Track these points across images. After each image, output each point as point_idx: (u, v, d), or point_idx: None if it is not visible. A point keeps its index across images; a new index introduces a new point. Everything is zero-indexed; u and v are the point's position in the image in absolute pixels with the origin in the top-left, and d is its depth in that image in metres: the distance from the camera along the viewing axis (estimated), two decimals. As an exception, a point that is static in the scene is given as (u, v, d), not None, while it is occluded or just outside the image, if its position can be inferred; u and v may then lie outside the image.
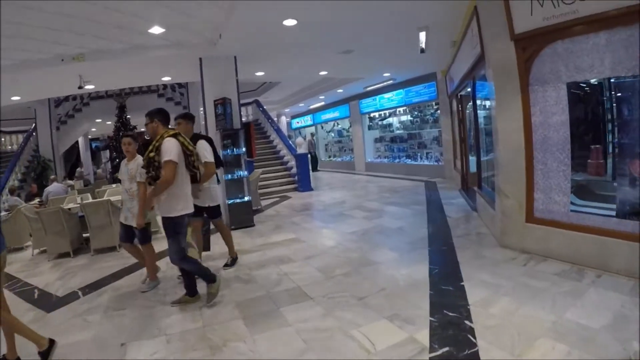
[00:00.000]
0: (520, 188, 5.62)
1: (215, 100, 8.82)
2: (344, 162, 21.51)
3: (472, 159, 11.54)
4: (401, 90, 15.77)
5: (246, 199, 8.85)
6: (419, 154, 16.03)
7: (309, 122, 25.01)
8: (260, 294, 4.90)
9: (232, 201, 8.75)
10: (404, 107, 16.42)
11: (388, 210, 9.24)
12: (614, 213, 5.02)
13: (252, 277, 5.53)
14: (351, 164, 20.45)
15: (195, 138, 5.44)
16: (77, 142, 20.72)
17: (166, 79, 11.30)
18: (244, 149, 8.85)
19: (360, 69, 12.48)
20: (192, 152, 4.56)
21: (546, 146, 5.37)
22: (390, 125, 18.13)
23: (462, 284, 4.70)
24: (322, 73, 12.54)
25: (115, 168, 15.98)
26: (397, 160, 17.15)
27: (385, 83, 15.53)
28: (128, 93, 17.62)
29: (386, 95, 16.73)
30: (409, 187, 12.68)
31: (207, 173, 5.32)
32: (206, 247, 6.41)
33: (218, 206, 5.94)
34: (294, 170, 14.49)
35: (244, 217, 8.80)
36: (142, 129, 23.04)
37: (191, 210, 4.58)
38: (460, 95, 11.19)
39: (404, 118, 17.38)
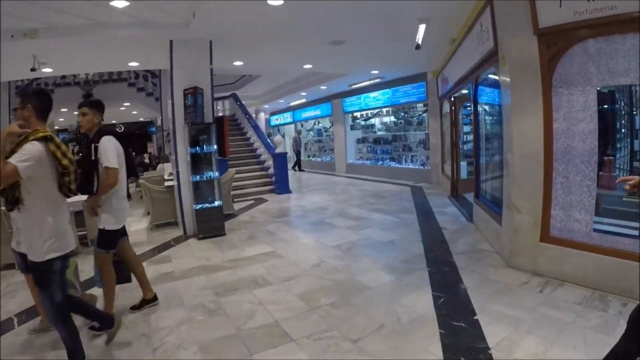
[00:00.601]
0: (535, 203, 4.86)
1: (185, 90, 7.84)
2: (324, 163, 20.65)
3: (463, 165, 10.93)
4: (388, 89, 14.98)
5: (217, 203, 7.90)
6: (404, 157, 15.28)
7: (289, 120, 24.08)
8: (229, 331, 3.96)
9: (200, 206, 7.78)
10: (389, 108, 15.65)
11: (375, 219, 8.42)
12: (636, 232, 4.30)
13: (220, 306, 4.60)
14: (331, 165, 19.61)
15: (99, 134, 4.07)
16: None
17: (134, 64, 10.23)
18: (215, 147, 7.88)
19: (348, 64, 11.62)
20: (68, 169, 3.12)
21: (569, 157, 4.62)
22: (373, 126, 17.38)
23: (475, 317, 3.92)
24: (307, 67, 11.63)
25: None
26: (380, 162, 16.37)
27: (372, 81, 14.71)
28: (97, 81, 16.42)
29: (372, 95, 15.93)
30: (395, 192, 11.90)
31: (107, 183, 3.92)
32: (123, 278, 4.66)
33: (118, 231, 4.26)
34: (272, 170, 13.57)
35: (213, 224, 7.85)
36: (113, 121, 21.73)
37: (72, 247, 3.27)
38: (454, 97, 10.48)
39: (386, 119, 16.66)
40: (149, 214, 9.39)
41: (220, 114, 18.32)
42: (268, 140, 14.72)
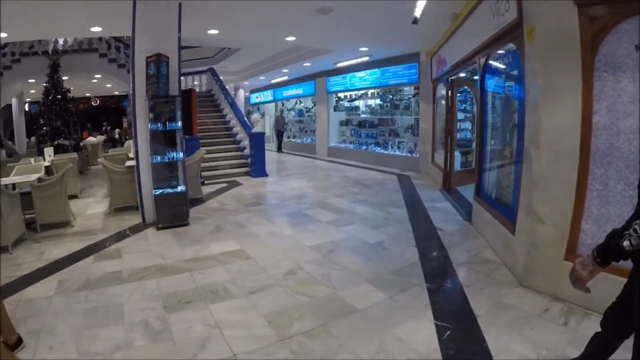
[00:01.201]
0: (564, 212, 3.95)
1: (147, 58, 6.73)
2: (304, 145, 19.61)
3: (457, 155, 10.06)
4: (376, 69, 13.96)
5: (180, 189, 6.87)
6: (390, 143, 14.33)
7: (270, 98, 22.90)
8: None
9: (160, 192, 6.75)
10: (377, 90, 14.63)
11: (360, 213, 7.49)
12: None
13: (167, 326, 3.61)
14: (312, 147, 18.59)
15: None
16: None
17: (96, 29, 9.00)
18: (180, 124, 6.82)
19: (335, 37, 10.53)
20: None
21: (610, 159, 3.71)
22: (357, 108, 16.38)
23: (492, 363, 2.99)
24: (290, 39, 10.51)
25: (43, 136, 13.48)
26: (364, 147, 15.41)
27: (359, 59, 13.64)
28: (66, 50, 14.98)
29: (358, 74, 14.89)
30: (380, 181, 10.98)
31: None
32: None
33: None
34: (248, 151, 12.51)
35: (175, 212, 6.83)
36: (87, 94, 20.28)
37: None
38: (451, 79, 9.53)
39: (372, 102, 15.68)
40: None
41: (197, 89, 17.18)
42: (245, 118, 13.58)
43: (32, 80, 14.97)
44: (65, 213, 7.13)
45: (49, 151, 10.49)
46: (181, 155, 6.90)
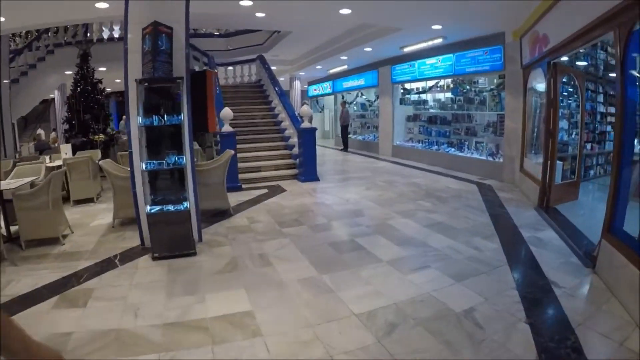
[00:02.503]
0: None
1: (143, 29, 4.95)
2: (366, 142, 17.50)
3: (558, 164, 7.75)
4: (451, 55, 11.64)
5: (184, 206, 5.02)
6: (466, 143, 11.99)
7: (328, 90, 20.92)
8: None
9: (156, 209, 4.96)
10: (452, 78, 12.29)
11: (436, 247, 5.32)
12: None
13: None
14: (374, 146, 16.47)
15: None
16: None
17: (102, 5, 7.39)
18: (184, 117, 4.97)
19: (400, 11, 8.40)
20: None
21: None
22: (426, 102, 14.13)
23: None
24: (344, 12, 8.42)
25: (69, 131, 12.17)
26: (435, 147, 13.12)
27: (431, 42, 11.37)
28: (101, 39, 13.74)
29: (429, 61, 12.60)
30: (457, 192, 8.73)
31: None
32: None
33: None
34: (297, 150, 10.64)
35: (177, 238, 5.01)
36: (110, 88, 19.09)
37: None
38: (554, 63, 7.21)
39: (440, 96, 13.40)
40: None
41: (246, 78, 15.51)
42: (295, 111, 11.66)
43: (69, 72, 13.77)
44: (52, 228, 5.66)
45: (65, 148, 9.05)
46: (186, 159, 5.04)
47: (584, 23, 5.16)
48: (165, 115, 4.83)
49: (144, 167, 4.86)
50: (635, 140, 4.40)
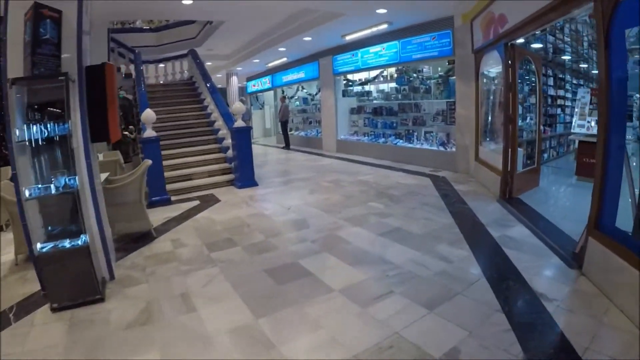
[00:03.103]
0: None
1: (25, 14, 3.79)
2: (308, 139, 16.60)
3: (520, 151, 7.16)
4: (395, 42, 10.89)
5: (82, 240, 3.88)
6: (415, 134, 11.29)
7: (268, 85, 19.81)
8: None
9: (47, 247, 3.79)
10: (398, 67, 11.53)
11: (397, 263, 4.45)
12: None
13: None
14: (317, 142, 15.60)
15: None
16: None
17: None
18: (74, 124, 3.85)
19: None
20: None
21: None
22: (370, 93, 13.39)
23: None
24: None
25: None
26: (382, 139, 12.38)
27: (375, 29, 10.53)
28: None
29: (373, 49, 11.82)
30: (411, 188, 7.98)
31: None
32: None
33: None
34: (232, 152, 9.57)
35: (77, 281, 3.85)
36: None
37: None
38: (511, 44, 6.56)
39: (384, 86, 12.73)
40: None
41: (178, 76, 14.20)
42: (227, 109, 10.53)
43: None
44: None
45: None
46: (80, 179, 3.91)
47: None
48: (50, 125, 3.68)
49: (27, 195, 3.70)
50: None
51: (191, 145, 10.38)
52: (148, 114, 8.39)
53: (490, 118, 8.12)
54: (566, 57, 11.16)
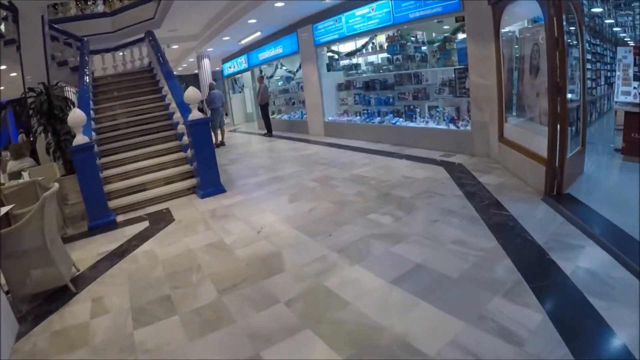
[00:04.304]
0: None
1: None
2: (293, 122, 14.58)
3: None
4: (387, 0, 8.90)
5: None
6: (417, 110, 9.31)
7: (244, 66, 17.68)
8: None
9: None
10: (392, 29, 9.43)
11: (429, 351, 2.58)
12: None
13: None
14: (303, 125, 13.60)
15: None
16: None
17: None
18: None
19: None
20: None
21: None
22: (358, 65, 11.39)
23: None
24: None
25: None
26: (377, 119, 10.40)
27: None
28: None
29: (359, 12, 9.78)
30: (422, 185, 6.07)
31: None
32: None
33: None
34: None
35: None
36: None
37: None
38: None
39: (372, 58, 10.77)
40: None
41: (137, 63, 12.11)
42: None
43: None
44: None
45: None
46: None
47: None
48: None
49: None
50: None
51: (147, 145, 8.47)
52: (75, 115, 6.40)
53: (518, 87, 6.18)
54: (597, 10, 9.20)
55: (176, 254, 4.76)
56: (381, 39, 10.18)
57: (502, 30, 6.43)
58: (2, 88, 12.97)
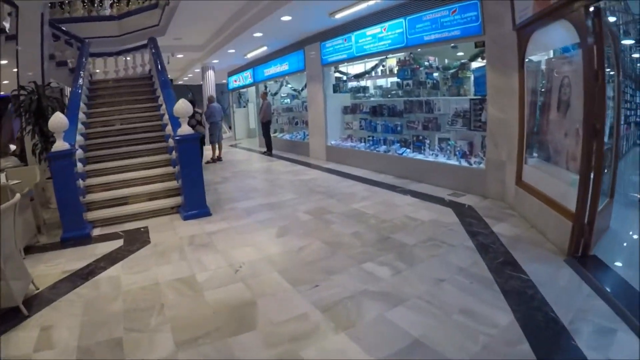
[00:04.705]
0: None
1: None
2: (294, 143, 13.93)
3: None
4: (401, 19, 8.29)
5: None
6: (427, 141, 8.65)
7: (249, 80, 17.14)
8: None
9: None
10: (405, 51, 8.80)
11: None
12: None
13: None
14: (304, 147, 12.96)
15: None
16: None
17: None
18: None
19: None
20: None
21: None
22: (366, 88, 10.79)
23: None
24: None
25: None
26: (382, 147, 9.75)
27: (373, 1, 8.00)
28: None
29: (370, 31, 9.21)
30: (427, 229, 5.37)
31: None
32: None
33: None
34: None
35: None
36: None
37: None
38: (597, 9, 4.02)
39: (382, 82, 10.22)
40: None
41: (139, 69, 11.55)
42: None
43: None
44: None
45: None
46: None
47: None
48: None
49: None
50: None
51: (135, 156, 7.93)
52: (57, 120, 5.86)
53: (542, 124, 5.51)
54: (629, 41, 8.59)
55: (141, 286, 4.11)
56: (392, 62, 9.61)
57: (527, 60, 5.79)
58: (6, 82, 12.50)
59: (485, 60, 6.86)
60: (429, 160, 8.18)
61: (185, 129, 6.50)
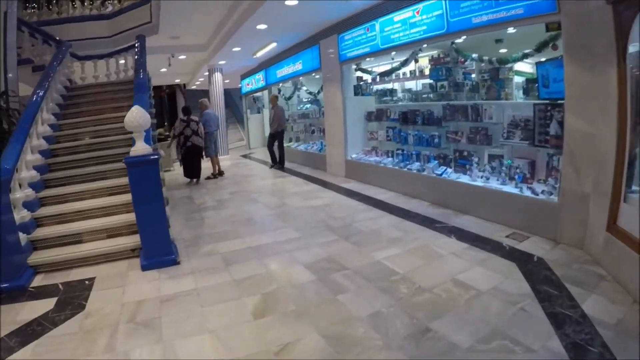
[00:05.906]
0: None
1: None
2: (310, 155, 12.04)
3: None
4: (438, -1, 6.41)
5: None
6: (474, 158, 6.68)
7: (262, 83, 15.39)
8: None
9: None
10: (445, 38, 6.78)
11: None
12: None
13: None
14: (320, 160, 11.09)
15: None
16: None
17: None
18: None
19: None
20: None
21: None
22: (393, 91, 8.92)
23: None
24: None
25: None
26: (415, 165, 7.80)
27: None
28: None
29: (398, 16, 7.32)
30: (486, 307, 3.43)
31: None
32: None
33: None
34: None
35: None
36: None
37: None
38: None
39: (411, 84, 8.41)
40: None
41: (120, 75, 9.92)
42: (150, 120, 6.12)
43: None
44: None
45: None
46: None
47: None
48: None
49: None
50: None
51: (100, 178, 6.40)
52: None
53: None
54: None
55: None
56: (423, 62, 7.72)
57: (632, 48, 3.83)
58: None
59: (559, 50, 4.89)
60: (477, 184, 6.19)
61: (140, 148, 4.73)
